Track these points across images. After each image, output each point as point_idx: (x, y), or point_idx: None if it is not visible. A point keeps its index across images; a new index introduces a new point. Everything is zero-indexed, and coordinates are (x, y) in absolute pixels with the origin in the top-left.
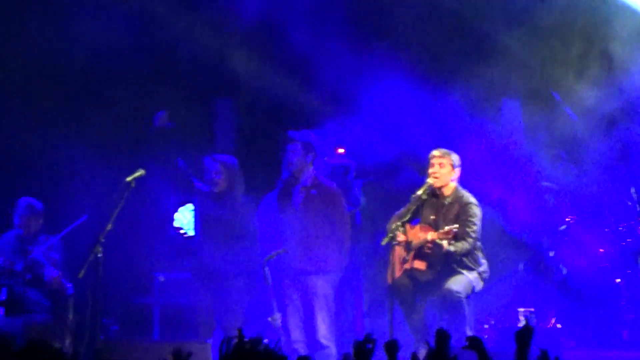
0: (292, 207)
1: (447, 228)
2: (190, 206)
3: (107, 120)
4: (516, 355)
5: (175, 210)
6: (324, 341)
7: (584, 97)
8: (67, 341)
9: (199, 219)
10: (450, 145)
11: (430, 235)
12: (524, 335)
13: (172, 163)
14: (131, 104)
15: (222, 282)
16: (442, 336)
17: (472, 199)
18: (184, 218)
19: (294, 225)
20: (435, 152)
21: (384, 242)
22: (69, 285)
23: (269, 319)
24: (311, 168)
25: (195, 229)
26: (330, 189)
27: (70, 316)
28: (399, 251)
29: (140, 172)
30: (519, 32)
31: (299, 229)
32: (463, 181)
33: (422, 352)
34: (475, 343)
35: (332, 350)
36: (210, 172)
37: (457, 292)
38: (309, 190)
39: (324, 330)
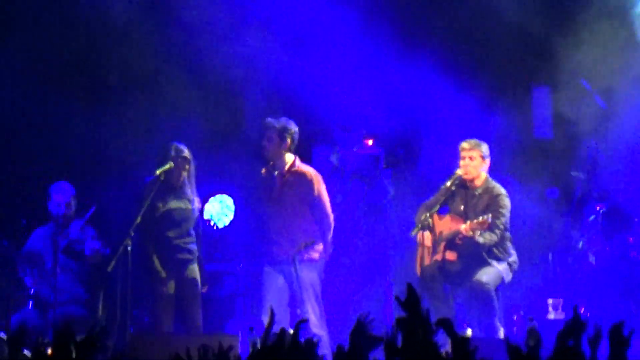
0: (271, 195)
1: (481, 218)
2: (219, 197)
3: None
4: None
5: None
6: (315, 330)
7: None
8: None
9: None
10: (480, 134)
11: (464, 227)
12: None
13: None
14: None
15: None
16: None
17: (502, 190)
18: (213, 209)
19: (274, 213)
20: (464, 145)
21: (414, 232)
22: (107, 250)
23: (298, 311)
24: (289, 154)
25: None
26: (305, 174)
27: (101, 308)
28: (427, 241)
29: (170, 165)
30: (549, 18)
31: (278, 216)
32: (491, 171)
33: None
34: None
35: (325, 338)
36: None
37: (487, 284)
38: (285, 177)
39: (314, 319)
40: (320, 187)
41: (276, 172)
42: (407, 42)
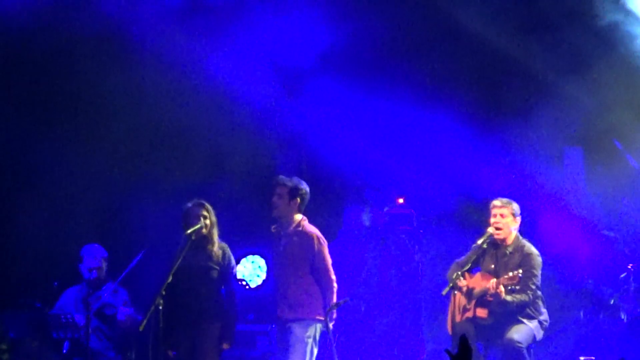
0: (277, 253)
1: (511, 273)
2: (251, 258)
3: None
4: None
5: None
6: None
7: None
8: None
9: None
10: (511, 193)
11: (491, 282)
12: None
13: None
14: None
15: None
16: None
17: (533, 249)
18: (245, 270)
19: (278, 272)
20: (496, 202)
21: (445, 291)
22: (140, 317)
23: None
24: (297, 214)
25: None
26: (308, 234)
27: None
28: (459, 299)
29: (200, 225)
30: (581, 78)
31: (282, 275)
32: (523, 229)
33: None
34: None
35: None
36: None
37: (519, 342)
38: (291, 236)
39: None
40: (323, 249)
41: (282, 231)
42: (437, 103)
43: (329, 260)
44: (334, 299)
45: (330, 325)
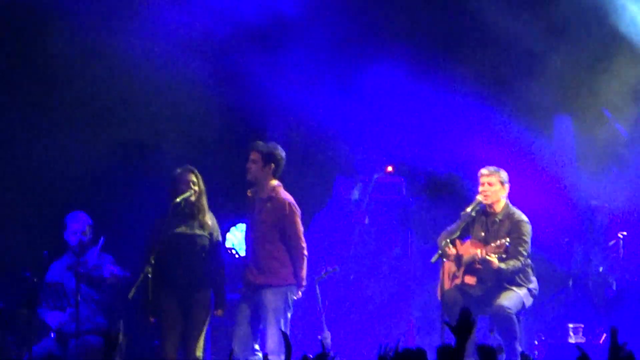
0: (251, 218)
1: (499, 242)
2: (241, 226)
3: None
4: None
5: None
6: (272, 357)
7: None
8: None
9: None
10: (500, 161)
11: (480, 252)
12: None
13: None
14: None
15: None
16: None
17: (523, 216)
18: (235, 238)
19: (251, 237)
20: (483, 171)
21: (435, 259)
22: (127, 273)
23: (319, 337)
24: (273, 181)
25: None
26: (281, 201)
27: (121, 337)
28: (448, 267)
29: (190, 193)
30: (569, 48)
31: (254, 241)
32: (512, 197)
33: None
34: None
35: None
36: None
37: (508, 308)
38: (264, 202)
39: (272, 345)
40: (294, 216)
41: (256, 197)
42: (428, 70)
43: (300, 228)
44: (304, 267)
45: (300, 292)
